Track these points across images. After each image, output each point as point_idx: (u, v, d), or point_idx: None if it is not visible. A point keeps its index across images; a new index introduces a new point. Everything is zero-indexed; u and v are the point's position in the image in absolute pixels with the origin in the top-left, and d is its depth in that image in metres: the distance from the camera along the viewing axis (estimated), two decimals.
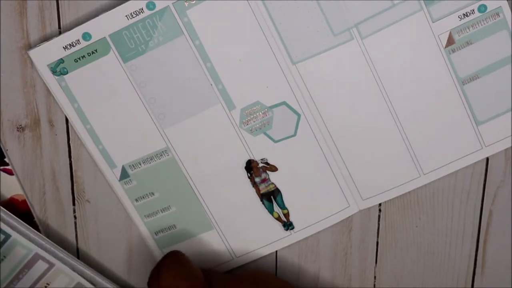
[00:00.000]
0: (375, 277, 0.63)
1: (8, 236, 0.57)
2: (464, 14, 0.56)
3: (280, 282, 0.59)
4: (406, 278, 0.63)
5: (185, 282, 0.54)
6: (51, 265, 0.58)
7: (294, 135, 0.58)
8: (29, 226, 0.58)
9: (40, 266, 0.58)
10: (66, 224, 0.61)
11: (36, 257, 0.58)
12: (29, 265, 0.58)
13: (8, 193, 0.59)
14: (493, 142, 0.58)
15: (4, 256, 0.57)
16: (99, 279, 0.60)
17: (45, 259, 0.58)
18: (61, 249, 0.59)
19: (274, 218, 0.60)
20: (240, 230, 0.61)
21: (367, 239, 0.62)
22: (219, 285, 0.56)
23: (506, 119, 0.58)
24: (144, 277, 0.59)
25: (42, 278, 0.58)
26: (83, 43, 0.55)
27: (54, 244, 0.58)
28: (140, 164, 0.58)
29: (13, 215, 0.57)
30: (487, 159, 0.60)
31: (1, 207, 0.57)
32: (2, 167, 0.58)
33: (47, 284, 0.59)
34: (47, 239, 0.58)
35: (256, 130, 0.58)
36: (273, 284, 0.59)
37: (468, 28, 0.56)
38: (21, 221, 0.58)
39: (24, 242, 0.57)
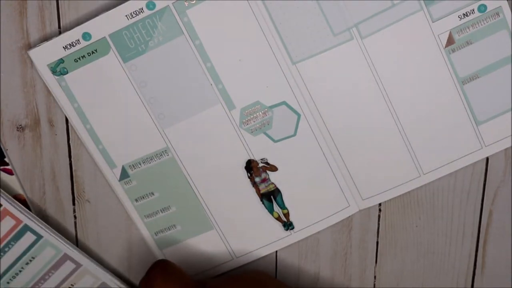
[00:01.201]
0: (375, 277, 0.63)
1: (39, 237, 0.57)
2: (464, 14, 0.56)
3: (276, 282, 0.59)
4: (406, 278, 0.63)
5: (176, 286, 0.55)
6: (78, 266, 0.58)
7: (294, 135, 0.58)
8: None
9: (67, 266, 0.58)
10: (66, 224, 0.61)
11: (65, 258, 0.58)
12: (57, 265, 0.58)
13: (8, 193, 0.59)
14: (493, 142, 0.58)
15: (33, 257, 0.57)
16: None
17: (73, 259, 0.58)
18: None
19: (274, 218, 0.60)
20: (240, 230, 0.60)
21: (367, 239, 0.62)
22: (212, 286, 0.57)
23: (506, 119, 0.58)
24: None
25: (67, 279, 0.58)
26: (83, 43, 0.55)
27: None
28: (140, 164, 0.58)
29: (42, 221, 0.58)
30: (487, 159, 0.60)
31: (33, 214, 0.58)
32: (2, 167, 0.58)
33: (72, 285, 0.59)
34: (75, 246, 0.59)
35: (256, 130, 0.58)
36: (269, 285, 0.58)
37: (468, 28, 0.56)
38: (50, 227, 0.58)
39: (55, 242, 0.58)
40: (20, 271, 0.57)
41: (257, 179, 0.59)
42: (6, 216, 0.56)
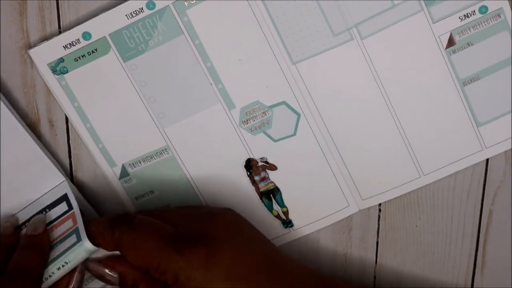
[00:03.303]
0: (375, 277, 0.63)
1: (79, 239, 0.51)
2: (465, 15, 0.55)
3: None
4: (406, 278, 0.63)
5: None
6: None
7: (294, 134, 0.58)
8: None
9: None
10: None
11: None
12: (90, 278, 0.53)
13: None
14: (494, 143, 0.58)
15: (66, 262, 0.51)
16: None
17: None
18: None
19: (274, 216, 0.60)
20: None
21: (367, 239, 0.62)
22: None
23: (507, 121, 0.58)
24: None
25: None
26: (83, 42, 0.55)
27: None
28: (140, 163, 0.58)
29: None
30: (487, 159, 0.60)
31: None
32: None
33: None
34: None
35: (256, 130, 0.58)
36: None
37: (469, 29, 0.56)
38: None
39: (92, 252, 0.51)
40: (50, 276, 0.51)
41: (256, 178, 0.59)
42: (69, 219, 0.53)
